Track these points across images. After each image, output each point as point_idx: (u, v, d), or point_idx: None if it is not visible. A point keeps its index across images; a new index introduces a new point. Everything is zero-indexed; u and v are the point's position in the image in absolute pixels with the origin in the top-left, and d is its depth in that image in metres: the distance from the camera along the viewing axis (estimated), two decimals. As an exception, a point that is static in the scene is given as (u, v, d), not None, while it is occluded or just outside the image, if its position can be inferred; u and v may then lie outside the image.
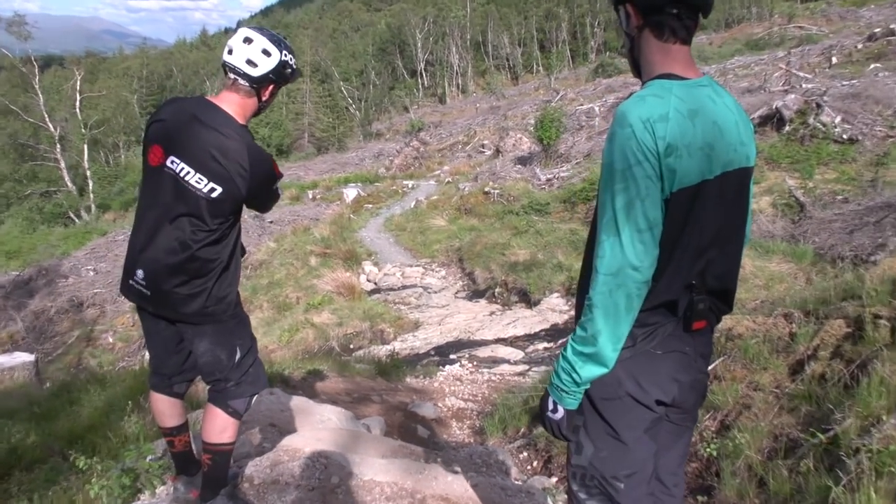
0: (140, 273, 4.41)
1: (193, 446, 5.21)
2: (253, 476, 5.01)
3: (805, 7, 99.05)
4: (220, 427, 4.66)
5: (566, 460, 3.39)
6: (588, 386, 3.07)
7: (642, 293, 2.87)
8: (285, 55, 4.41)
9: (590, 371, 2.96)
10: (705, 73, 3.11)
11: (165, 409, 4.91)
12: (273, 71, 4.37)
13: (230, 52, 4.33)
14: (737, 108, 3.11)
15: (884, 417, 4.65)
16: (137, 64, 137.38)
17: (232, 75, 4.35)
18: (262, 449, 5.84)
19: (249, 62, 4.29)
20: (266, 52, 4.32)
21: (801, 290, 7.93)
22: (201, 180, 4.24)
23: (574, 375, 2.99)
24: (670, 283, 2.98)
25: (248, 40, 4.31)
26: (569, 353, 3.01)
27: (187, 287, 4.38)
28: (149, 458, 5.25)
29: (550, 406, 3.16)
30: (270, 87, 4.49)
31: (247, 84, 4.35)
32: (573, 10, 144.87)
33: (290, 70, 4.47)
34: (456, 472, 5.63)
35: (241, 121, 4.40)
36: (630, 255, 2.78)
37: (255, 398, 4.81)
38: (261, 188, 4.44)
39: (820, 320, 6.40)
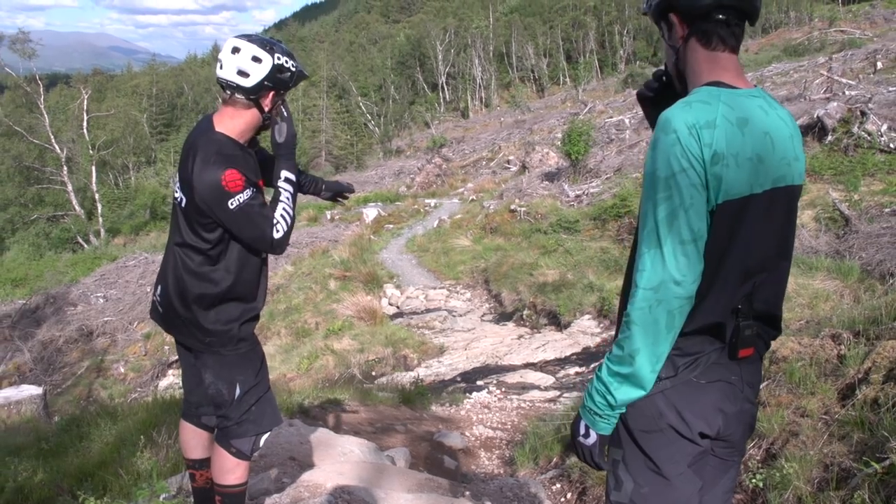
0: (159, 289, 4.56)
1: None
2: (273, 513, 4.98)
3: (847, 10, 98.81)
4: (227, 468, 4.62)
5: (605, 496, 3.28)
6: (623, 409, 2.99)
7: (684, 310, 2.79)
8: (279, 59, 4.30)
9: (626, 393, 2.89)
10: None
11: (191, 438, 4.91)
12: (267, 77, 4.28)
13: (221, 66, 4.30)
14: (791, 121, 3.03)
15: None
16: (147, 81, 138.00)
17: (227, 90, 4.32)
18: (282, 485, 5.79)
19: (241, 73, 4.24)
20: (256, 59, 4.25)
21: (849, 310, 7.80)
22: (178, 190, 4.37)
23: (609, 397, 2.91)
24: (715, 304, 2.88)
25: (235, 50, 4.25)
26: (603, 373, 2.94)
27: (188, 311, 4.40)
28: (162, 496, 5.18)
29: (582, 430, 3.07)
30: (270, 95, 4.39)
31: (243, 97, 4.30)
32: (601, 18, 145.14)
33: (288, 74, 4.36)
34: (487, 509, 5.57)
35: (237, 135, 4.37)
36: (672, 268, 2.72)
37: (264, 438, 4.72)
38: (212, 202, 4.18)
39: (871, 341, 6.30)
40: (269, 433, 4.75)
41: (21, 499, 6.33)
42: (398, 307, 26.20)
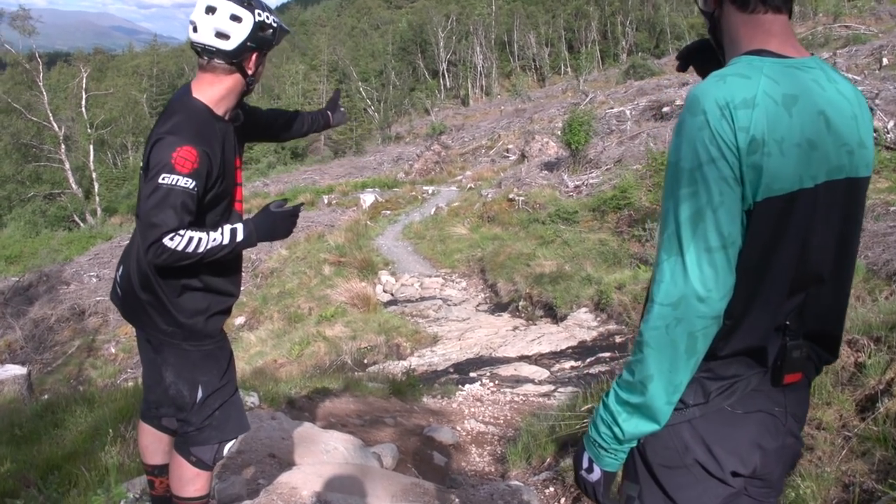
0: (121, 270, 4.25)
1: None
2: (245, 524, 4.64)
3: (852, 5, 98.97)
4: (186, 478, 4.21)
5: None
6: (633, 444, 2.57)
7: (710, 332, 2.32)
8: (259, 14, 3.89)
9: (636, 426, 2.45)
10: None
11: (150, 443, 4.50)
12: (249, 38, 3.87)
13: (195, 28, 3.87)
14: (857, 98, 2.49)
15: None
16: (147, 62, 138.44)
17: (205, 56, 3.92)
18: (257, 486, 5.48)
19: (219, 35, 3.82)
20: (236, 18, 3.82)
21: (865, 313, 7.44)
22: (143, 157, 3.96)
23: (616, 430, 2.48)
24: (756, 323, 2.41)
25: (210, 10, 3.81)
26: (611, 400, 2.50)
27: (149, 296, 4.02)
28: (123, 501, 4.86)
29: (585, 463, 2.64)
30: (254, 57, 3.99)
31: (223, 62, 3.90)
32: (603, 8, 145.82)
33: (270, 31, 3.97)
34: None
35: (215, 104, 3.98)
36: (695, 280, 2.25)
37: (228, 446, 4.28)
38: (151, 167, 3.74)
39: (892, 349, 5.93)
40: (233, 441, 4.32)
41: (-14, 489, 6.02)
42: (392, 294, 26.08)
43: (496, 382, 13.89)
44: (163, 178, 3.60)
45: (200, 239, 3.71)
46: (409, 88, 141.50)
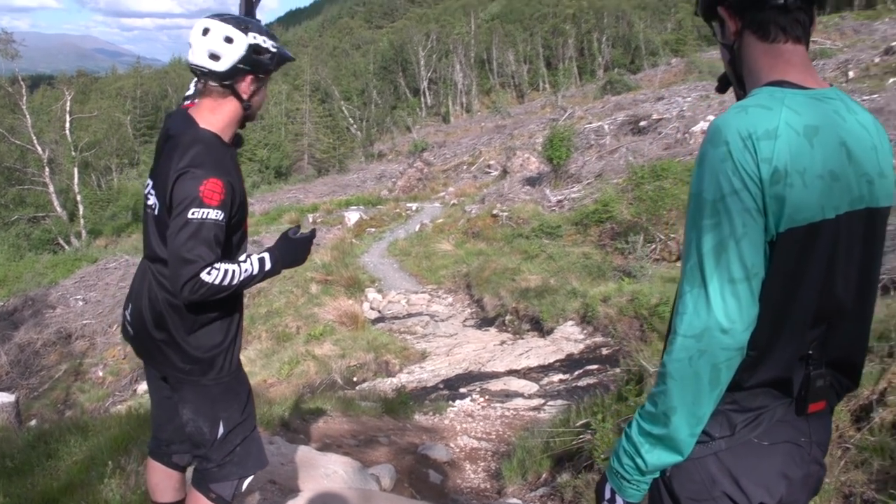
0: (130, 308, 4.09)
1: None
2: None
3: (818, 21, 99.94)
4: None
5: None
6: (656, 475, 2.53)
7: (733, 363, 2.29)
8: (254, 37, 3.79)
9: (658, 457, 2.43)
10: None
11: (160, 480, 4.37)
12: (242, 59, 3.78)
13: (192, 50, 3.82)
14: (877, 129, 2.48)
15: None
16: (131, 84, 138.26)
17: (201, 78, 3.88)
18: (261, 515, 5.39)
19: (212, 56, 3.75)
20: (228, 39, 3.73)
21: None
22: (151, 195, 3.92)
23: (638, 461, 2.45)
24: (781, 354, 2.39)
25: (206, 31, 3.75)
26: (633, 431, 2.48)
27: (162, 333, 3.91)
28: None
29: (608, 494, 2.62)
30: (248, 80, 3.88)
31: (216, 83, 3.82)
32: (580, 25, 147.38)
33: (268, 55, 3.86)
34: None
35: (222, 132, 3.91)
36: (719, 312, 2.22)
37: (247, 481, 4.17)
38: (178, 203, 3.64)
39: (882, 359, 5.92)
40: (252, 476, 4.21)
41: (-21, 529, 5.90)
42: (380, 312, 25.91)
43: (486, 397, 13.91)
44: (192, 213, 3.54)
45: (234, 272, 3.68)
46: (391, 107, 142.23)
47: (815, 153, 2.24)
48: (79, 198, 66.27)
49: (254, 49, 3.79)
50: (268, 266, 3.85)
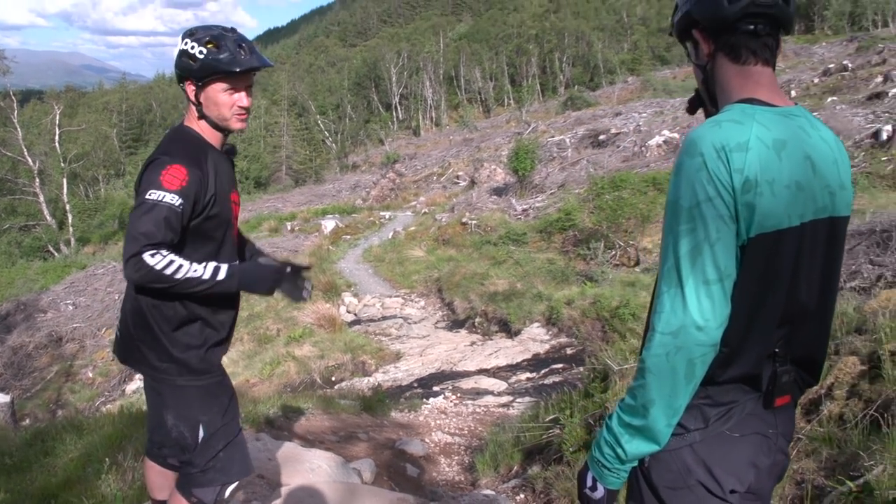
0: (119, 315, 3.98)
1: None
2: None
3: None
4: None
5: None
6: (634, 463, 2.56)
7: (707, 359, 2.33)
8: (186, 43, 3.66)
9: (637, 447, 2.46)
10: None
11: (157, 479, 4.27)
12: (175, 65, 3.74)
13: None
14: (837, 145, 2.56)
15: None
16: (117, 98, 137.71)
17: None
18: (251, 508, 5.36)
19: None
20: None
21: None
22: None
23: (619, 450, 2.48)
24: (751, 351, 2.44)
25: None
26: (614, 423, 2.51)
27: (140, 331, 3.76)
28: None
29: (589, 482, 2.63)
30: (188, 85, 3.73)
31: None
32: (542, 45, 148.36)
33: (194, 62, 3.64)
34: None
35: (205, 134, 3.84)
36: (694, 311, 2.27)
37: (230, 488, 4.01)
38: (139, 188, 3.53)
39: (829, 357, 5.97)
40: (236, 483, 4.07)
41: (-17, 523, 5.84)
42: (356, 315, 25.92)
43: (458, 395, 13.93)
44: (149, 195, 3.42)
45: (181, 266, 3.44)
46: (365, 120, 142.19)
47: (782, 165, 2.31)
48: (68, 207, 65.87)
49: (181, 53, 3.70)
50: (221, 276, 3.58)
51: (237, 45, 3.68)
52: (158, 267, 3.36)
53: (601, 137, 44.99)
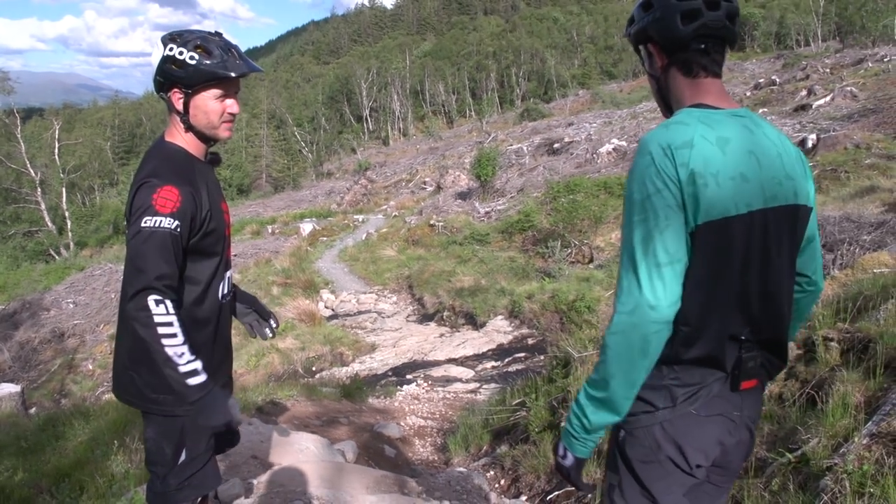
0: (113, 355, 3.60)
1: None
2: (246, 521, 4.49)
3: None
4: None
5: None
6: (600, 433, 2.59)
7: (661, 336, 2.36)
8: (170, 49, 3.25)
9: (601, 417, 2.50)
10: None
11: None
12: (158, 71, 3.31)
13: None
14: (780, 140, 2.59)
15: (853, 437, 4.32)
16: (110, 114, 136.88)
17: None
18: (248, 486, 5.34)
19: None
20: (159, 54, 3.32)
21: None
22: None
23: (584, 420, 2.53)
24: (710, 331, 2.47)
25: None
26: (581, 396, 2.55)
27: (138, 364, 3.35)
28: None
29: (561, 452, 2.67)
30: (174, 93, 3.32)
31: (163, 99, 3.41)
32: (500, 61, 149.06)
33: (182, 68, 3.24)
34: (445, 505, 5.21)
35: (178, 142, 3.43)
36: (647, 292, 2.31)
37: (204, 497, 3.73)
38: (131, 214, 3.15)
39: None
40: (211, 491, 3.76)
41: (3, 498, 5.80)
42: (333, 310, 25.82)
43: (429, 382, 13.89)
44: (145, 222, 3.05)
45: (175, 335, 3.02)
46: (338, 131, 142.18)
47: (727, 159, 2.36)
48: (67, 214, 65.69)
49: (165, 59, 3.27)
50: (191, 381, 3.07)
51: (226, 50, 3.33)
52: (155, 319, 2.98)
53: (556, 146, 45.00)
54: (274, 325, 4.18)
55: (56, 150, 69.33)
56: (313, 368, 18.06)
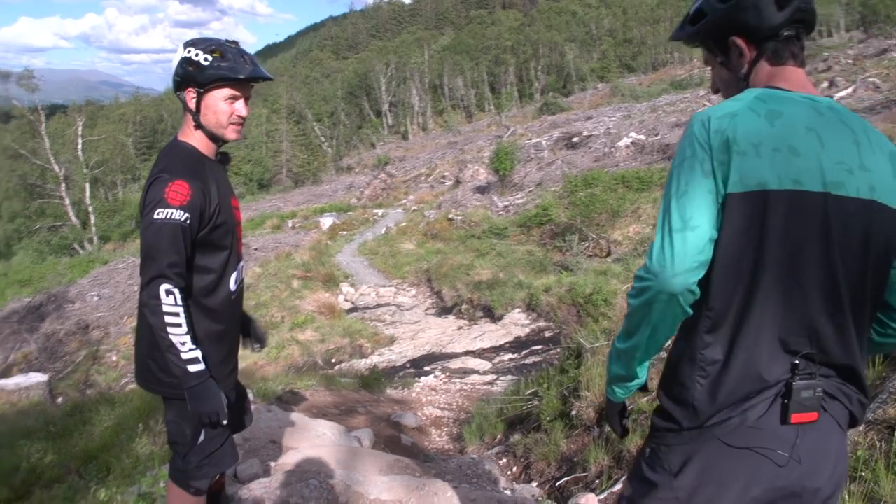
0: (135, 340, 3.85)
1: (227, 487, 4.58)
2: (264, 498, 4.65)
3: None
4: None
5: None
6: (628, 386, 2.51)
7: (660, 305, 2.14)
8: (189, 51, 3.47)
9: (616, 368, 2.47)
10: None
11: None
12: (176, 72, 3.53)
13: None
14: (864, 130, 2.28)
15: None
16: (132, 110, 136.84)
17: None
18: (266, 468, 5.52)
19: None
20: (177, 56, 3.55)
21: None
22: None
23: (609, 368, 2.52)
24: (741, 331, 2.18)
25: None
26: (613, 345, 2.47)
27: (154, 350, 3.54)
28: (163, 482, 4.86)
29: (607, 394, 2.65)
30: (188, 93, 3.54)
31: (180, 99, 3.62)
32: (518, 56, 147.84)
33: (198, 69, 3.46)
34: (454, 487, 5.34)
35: (189, 140, 3.64)
36: (656, 258, 2.12)
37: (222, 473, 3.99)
38: (145, 207, 3.36)
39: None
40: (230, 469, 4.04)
41: (35, 478, 6.03)
42: (353, 303, 25.99)
43: (447, 374, 14.00)
44: (157, 214, 3.26)
45: (180, 325, 3.26)
46: (357, 126, 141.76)
47: (774, 131, 2.15)
48: (90, 209, 66.07)
49: (184, 61, 3.49)
50: (191, 368, 3.30)
51: (240, 56, 3.56)
52: (163, 308, 3.23)
53: (574, 139, 44.82)
54: (257, 347, 4.43)
55: (79, 146, 69.79)
56: (332, 360, 18.22)
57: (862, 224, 2.18)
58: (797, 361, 2.16)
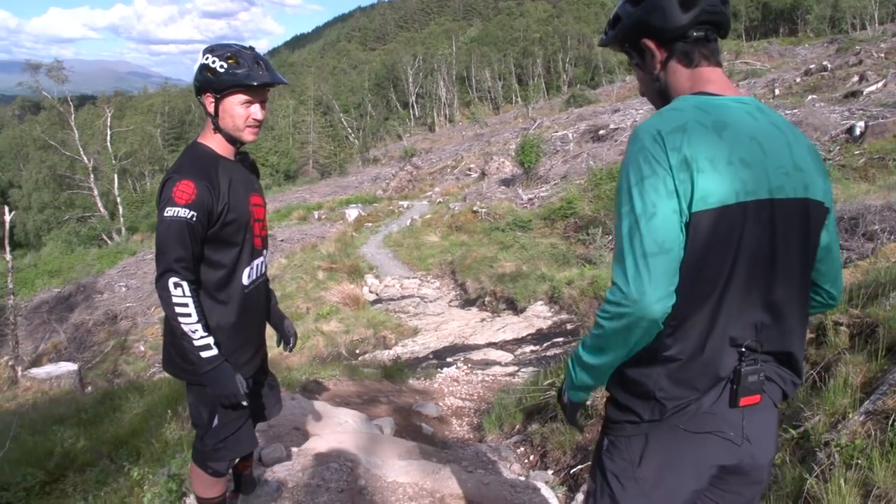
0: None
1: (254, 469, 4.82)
2: (287, 479, 4.89)
3: (749, 45, 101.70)
4: (207, 485, 4.17)
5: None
6: (589, 390, 2.62)
7: (640, 329, 2.21)
8: (207, 58, 3.64)
9: (583, 378, 2.52)
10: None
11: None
12: (195, 78, 3.70)
13: None
14: (790, 130, 2.44)
15: (849, 414, 4.56)
16: (160, 101, 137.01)
17: None
18: (290, 452, 5.73)
19: None
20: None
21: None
22: None
23: (573, 374, 2.56)
24: (705, 336, 2.30)
25: None
26: (575, 353, 2.54)
27: (174, 336, 3.77)
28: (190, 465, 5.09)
29: (564, 391, 2.73)
30: (207, 97, 3.71)
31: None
32: (546, 47, 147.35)
33: (214, 75, 3.62)
34: (469, 472, 5.54)
35: (207, 142, 3.82)
36: (633, 284, 2.16)
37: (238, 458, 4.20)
38: (159, 205, 3.58)
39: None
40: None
41: (68, 462, 6.29)
42: (377, 294, 26.15)
43: (469, 365, 14.03)
44: (166, 212, 3.49)
45: (190, 315, 3.47)
46: (384, 118, 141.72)
47: (723, 143, 2.22)
48: (118, 199, 66.55)
49: (202, 67, 3.66)
50: (204, 354, 3.52)
51: (255, 62, 3.67)
52: (173, 298, 3.46)
53: (601, 132, 44.69)
54: (291, 344, 4.76)
55: (108, 138, 70.26)
56: (356, 351, 18.37)
57: (799, 221, 2.35)
58: (743, 350, 2.33)
